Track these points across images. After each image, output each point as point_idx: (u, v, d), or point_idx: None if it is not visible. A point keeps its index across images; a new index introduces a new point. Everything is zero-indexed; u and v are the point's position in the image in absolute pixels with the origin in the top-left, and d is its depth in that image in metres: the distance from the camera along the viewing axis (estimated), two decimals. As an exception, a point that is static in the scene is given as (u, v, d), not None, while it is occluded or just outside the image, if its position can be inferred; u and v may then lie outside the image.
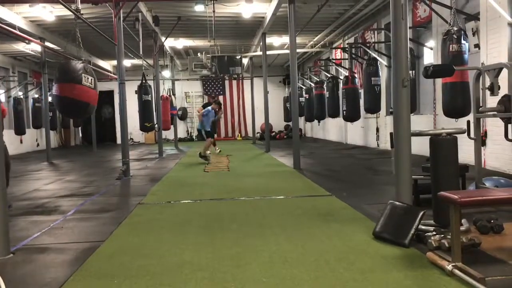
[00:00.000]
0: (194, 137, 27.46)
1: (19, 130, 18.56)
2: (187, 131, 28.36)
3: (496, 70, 5.39)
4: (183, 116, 26.07)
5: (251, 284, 3.35)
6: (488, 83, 5.46)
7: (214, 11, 13.75)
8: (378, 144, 15.69)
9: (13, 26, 12.30)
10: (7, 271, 3.87)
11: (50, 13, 13.51)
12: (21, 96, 19.75)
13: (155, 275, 3.61)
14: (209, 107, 14.09)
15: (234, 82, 28.23)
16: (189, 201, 7.01)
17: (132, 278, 3.56)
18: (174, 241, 4.62)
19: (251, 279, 3.44)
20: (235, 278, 3.47)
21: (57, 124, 23.87)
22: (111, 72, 23.46)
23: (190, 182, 9.11)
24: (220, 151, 16.23)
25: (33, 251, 4.51)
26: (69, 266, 3.94)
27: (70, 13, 8.56)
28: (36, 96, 21.00)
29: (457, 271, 3.28)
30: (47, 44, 15.62)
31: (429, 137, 4.73)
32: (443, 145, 4.60)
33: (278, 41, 19.44)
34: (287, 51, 15.22)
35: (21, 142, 20.21)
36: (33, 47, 17.95)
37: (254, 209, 6.21)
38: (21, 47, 18.17)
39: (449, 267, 3.33)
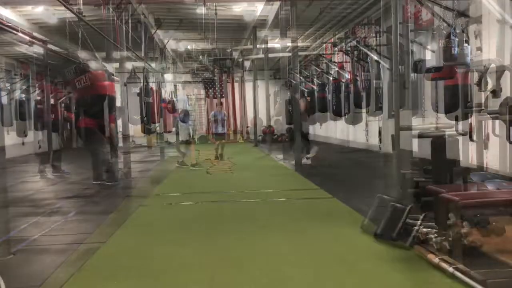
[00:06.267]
0: (196, 140, 27.45)
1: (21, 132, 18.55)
2: (189, 133, 28.33)
3: (498, 72, 5.38)
4: (185, 118, 26.04)
5: (251, 285, 3.34)
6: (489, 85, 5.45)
7: (216, 13, 13.81)
8: (380, 147, 15.64)
9: (16, 28, 12.32)
10: (7, 271, 3.86)
11: (52, 15, 13.55)
12: (23, 98, 19.73)
13: (156, 276, 3.60)
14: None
15: (236, 85, 28.19)
16: (190, 203, 7.00)
17: (133, 279, 3.55)
18: (175, 243, 4.61)
19: (251, 280, 3.43)
20: (235, 279, 3.46)
21: (59, 126, 23.80)
22: (113, 75, 23.43)
23: (191, 184, 9.10)
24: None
25: (33, 251, 4.50)
26: (70, 267, 3.93)
27: (72, 15, 8.60)
28: (39, 98, 20.97)
29: (458, 273, 3.26)
30: (50, 46, 15.63)
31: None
32: (436, 143, 4.58)
33: (280, 43, 19.43)
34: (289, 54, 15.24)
35: (23, 144, 20.18)
36: (36, 49, 17.96)
37: (255, 211, 6.21)
38: (23, 49, 18.18)
39: (450, 269, 3.31)
